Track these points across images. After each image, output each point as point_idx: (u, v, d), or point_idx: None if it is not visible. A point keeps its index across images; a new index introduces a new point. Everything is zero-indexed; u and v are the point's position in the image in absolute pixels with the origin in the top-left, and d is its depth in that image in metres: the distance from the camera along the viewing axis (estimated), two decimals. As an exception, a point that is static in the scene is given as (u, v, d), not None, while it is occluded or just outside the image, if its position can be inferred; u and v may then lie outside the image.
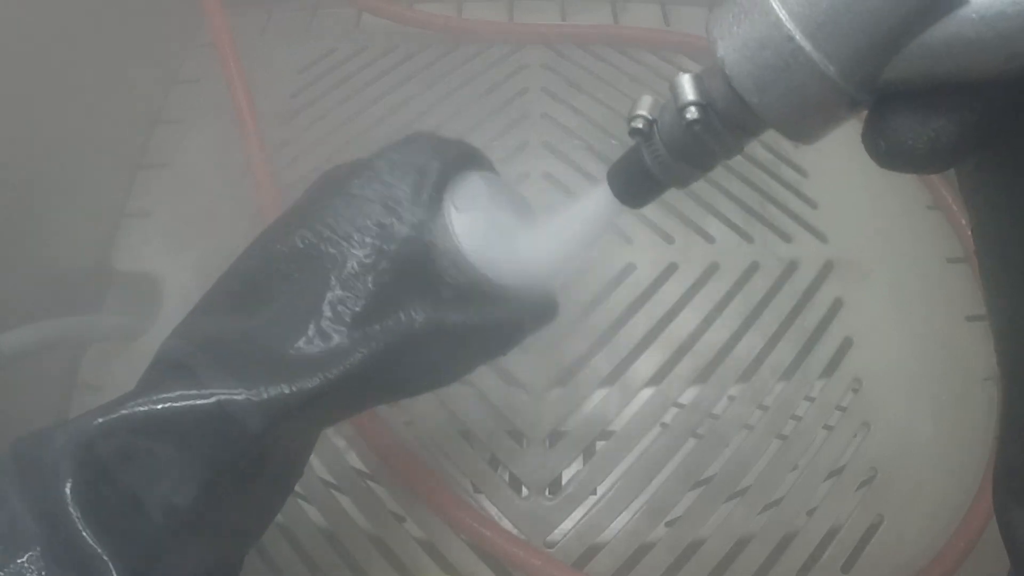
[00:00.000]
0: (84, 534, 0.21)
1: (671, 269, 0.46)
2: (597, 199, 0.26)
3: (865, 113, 0.18)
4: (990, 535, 0.38)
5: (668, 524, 0.38)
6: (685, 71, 0.21)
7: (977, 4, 0.15)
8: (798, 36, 0.17)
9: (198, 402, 0.23)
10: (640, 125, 0.22)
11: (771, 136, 0.20)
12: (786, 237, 0.47)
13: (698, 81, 0.20)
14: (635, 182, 0.25)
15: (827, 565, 0.38)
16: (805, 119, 0.18)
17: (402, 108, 0.52)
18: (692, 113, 0.20)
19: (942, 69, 0.15)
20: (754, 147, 0.51)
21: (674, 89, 0.21)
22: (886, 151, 0.17)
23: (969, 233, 0.48)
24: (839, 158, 0.51)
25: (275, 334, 0.24)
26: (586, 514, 0.38)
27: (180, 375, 0.24)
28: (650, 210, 0.48)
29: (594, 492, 0.39)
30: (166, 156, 0.52)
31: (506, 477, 0.40)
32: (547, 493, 0.39)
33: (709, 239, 0.47)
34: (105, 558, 0.21)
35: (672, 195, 0.48)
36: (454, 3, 0.59)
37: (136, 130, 0.52)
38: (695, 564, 0.37)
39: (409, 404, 0.41)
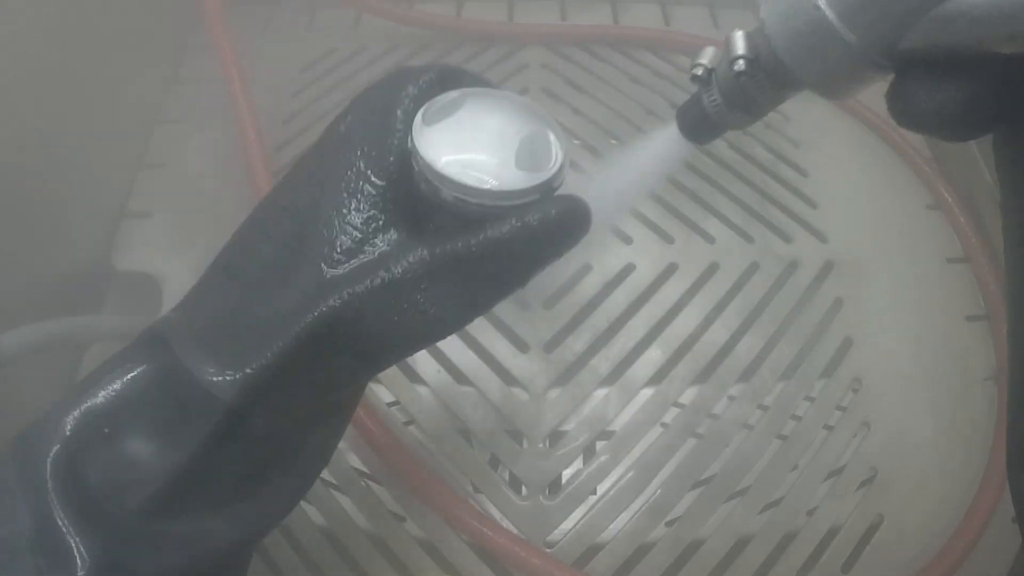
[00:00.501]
0: (59, 519, 0.20)
1: (671, 269, 0.46)
2: (667, 135, 0.28)
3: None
4: (990, 535, 0.38)
5: (668, 524, 0.38)
6: (739, 29, 0.23)
7: None
8: (823, 6, 0.19)
9: (170, 373, 0.22)
10: (700, 72, 0.25)
11: (771, 136, 0.21)
12: (786, 237, 0.47)
13: (749, 38, 0.22)
14: (696, 122, 0.27)
15: (827, 565, 0.37)
16: (832, 80, 0.20)
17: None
18: (740, 66, 0.22)
19: (951, 42, 0.17)
20: (754, 147, 0.51)
21: (728, 43, 0.23)
22: (902, 111, 0.18)
23: (969, 233, 0.48)
24: (839, 158, 0.51)
25: (255, 295, 0.23)
26: (586, 514, 0.38)
27: (155, 347, 0.23)
28: (650, 210, 0.48)
29: (594, 492, 0.39)
30: (166, 156, 0.52)
31: (506, 477, 0.40)
32: (547, 493, 0.39)
33: (709, 239, 0.47)
34: (74, 541, 0.20)
35: (672, 195, 0.49)
36: (454, 3, 0.59)
37: (136, 130, 0.52)
38: (695, 564, 0.37)
39: (409, 404, 0.41)
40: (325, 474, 0.39)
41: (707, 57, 0.25)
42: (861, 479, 0.40)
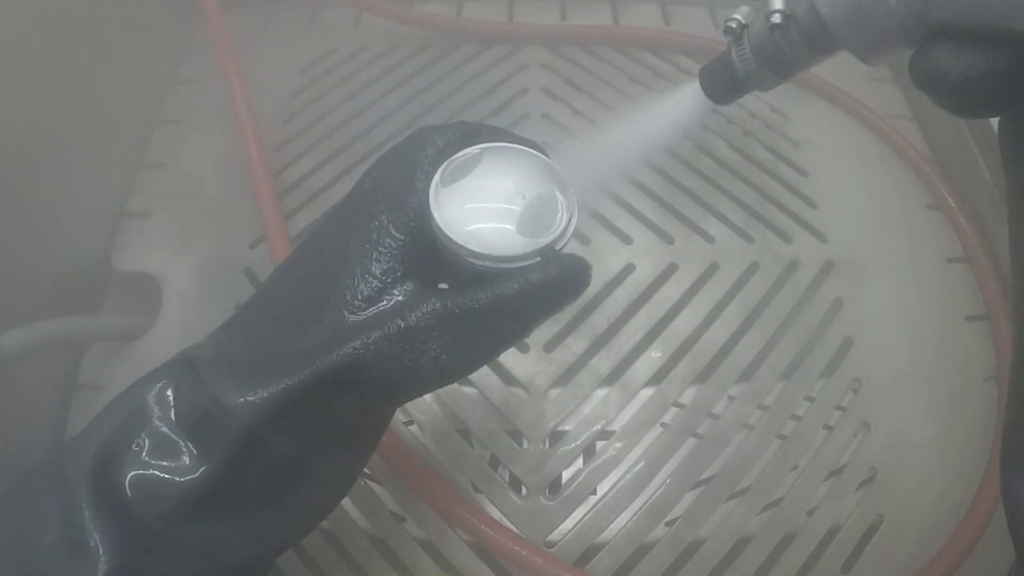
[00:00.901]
0: (87, 518, 0.22)
1: (671, 269, 0.46)
2: (688, 92, 0.29)
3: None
4: (990, 535, 0.38)
5: (668, 524, 0.38)
6: None
7: None
8: None
9: (196, 393, 0.23)
10: (733, 25, 0.25)
11: (771, 136, 0.21)
12: (786, 237, 0.47)
13: None
14: (722, 80, 0.27)
15: (827, 565, 0.37)
16: (867, 40, 0.21)
17: (402, 108, 0.52)
18: (776, 18, 0.23)
19: (983, 17, 0.18)
20: (754, 147, 0.51)
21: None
22: (924, 72, 0.19)
23: (969, 233, 0.48)
24: (839, 158, 0.51)
25: (282, 331, 0.25)
26: (586, 514, 0.38)
27: (184, 370, 0.24)
28: (650, 210, 0.48)
29: (594, 492, 0.39)
30: (166, 156, 0.52)
31: (506, 477, 0.40)
32: (547, 493, 0.39)
33: (709, 239, 0.47)
34: (98, 540, 0.22)
35: (672, 195, 0.49)
36: (454, 3, 0.59)
37: (136, 130, 0.52)
38: (695, 564, 0.37)
39: (409, 404, 0.41)
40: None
41: (742, 12, 0.25)
42: (861, 479, 0.40)
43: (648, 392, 0.42)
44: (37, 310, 0.39)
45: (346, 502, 0.38)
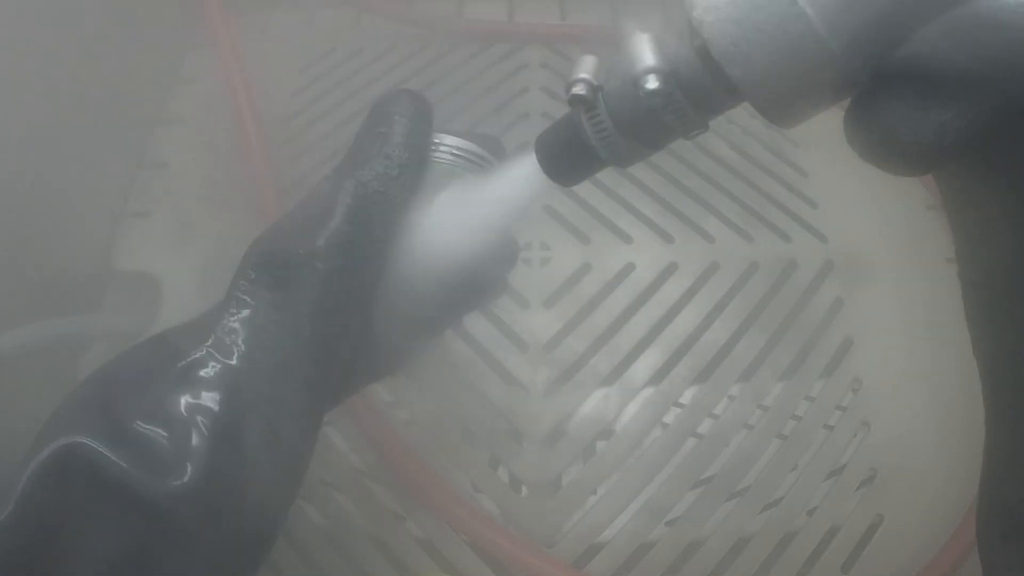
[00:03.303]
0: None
1: (671, 269, 0.46)
2: (522, 172, 0.23)
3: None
4: (990, 535, 0.38)
5: (668, 524, 0.38)
6: (642, 30, 0.17)
7: None
8: (802, 1, 0.14)
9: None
10: (583, 91, 0.19)
11: (771, 136, 0.19)
12: (786, 237, 0.47)
13: (660, 43, 0.17)
14: (569, 157, 0.21)
15: (827, 565, 0.37)
16: (791, 99, 0.16)
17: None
18: (652, 82, 0.17)
19: (968, 56, 0.13)
20: (754, 147, 0.51)
21: (629, 52, 0.17)
22: (878, 140, 0.15)
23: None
24: (839, 158, 0.51)
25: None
26: (586, 514, 0.38)
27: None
28: (650, 210, 0.48)
29: (594, 492, 0.39)
30: (166, 156, 0.52)
31: (506, 477, 0.40)
32: (547, 493, 0.39)
33: (709, 239, 0.47)
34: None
35: (672, 195, 0.49)
36: (454, 3, 0.59)
37: (136, 130, 0.52)
38: (695, 564, 0.37)
39: (409, 404, 0.41)
40: (325, 474, 0.39)
41: (589, 69, 0.19)
42: (861, 479, 0.40)
43: (648, 392, 0.42)
44: (37, 310, 0.39)
45: (346, 502, 0.38)
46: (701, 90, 0.17)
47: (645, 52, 0.17)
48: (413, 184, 0.27)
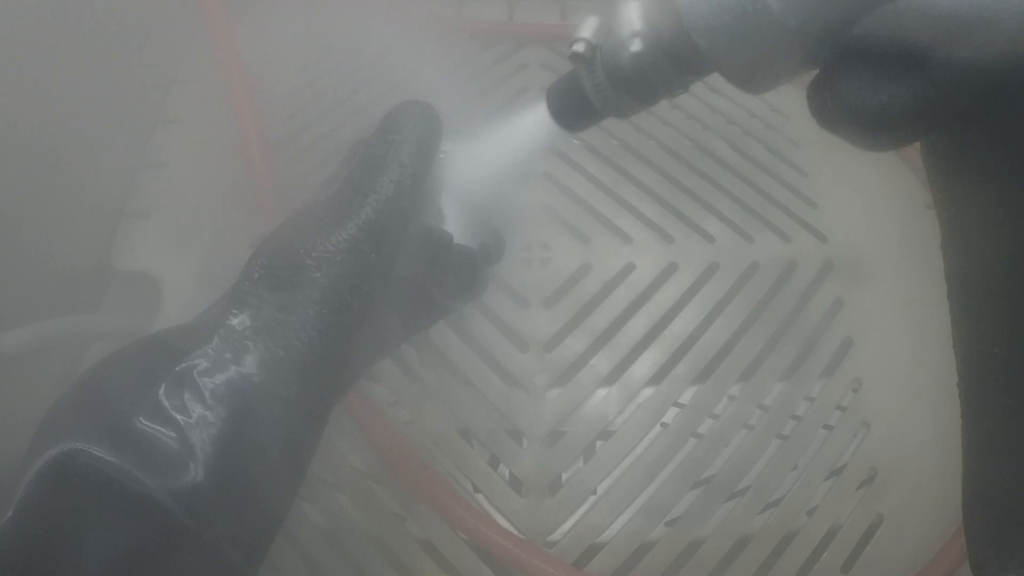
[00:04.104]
0: None
1: (671, 269, 0.46)
2: (535, 118, 0.26)
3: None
4: (990, 535, 0.38)
5: (668, 524, 0.38)
6: None
7: None
8: None
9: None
10: (582, 50, 0.21)
11: (771, 136, 0.20)
12: (786, 237, 0.47)
13: (646, 10, 0.19)
14: (573, 107, 0.23)
15: (827, 565, 0.37)
16: (755, 69, 0.17)
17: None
18: (636, 45, 0.19)
19: (916, 37, 0.14)
20: (754, 147, 0.51)
21: (619, 16, 0.19)
22: (831, 108, 0.16)
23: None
24: (839, 158, 0.51)
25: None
26: (586, 514, 0.38)
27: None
28: (650, 209, 0.48)
29: (594, 492, 0.39)
30: (166, 156, 0.52)
31: (506, 477, 0.40)
32: (547, 493, 0.39)
33: (709, 239, 0.47)
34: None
35: (672, 195, 0.49)
36: (454, 3, 0.59)
37: (136, 130, 0.52)
38: (695, 564, 0.37)
39: (409, 404, 0.41)
40: (325, 474, 0.39)
41: (589, 30, 0.21)
42: (861, 479, 0.40)
43: (648, 392, 0.42)
44: (37, 310, 0.39)
45: (346, 502, 0.38)
46: (680, 54, 0.19)
47: (633, 18, 0.19)
48: (424, 193, 0.27)
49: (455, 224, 0.29)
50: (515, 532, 0.37)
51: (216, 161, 0.50)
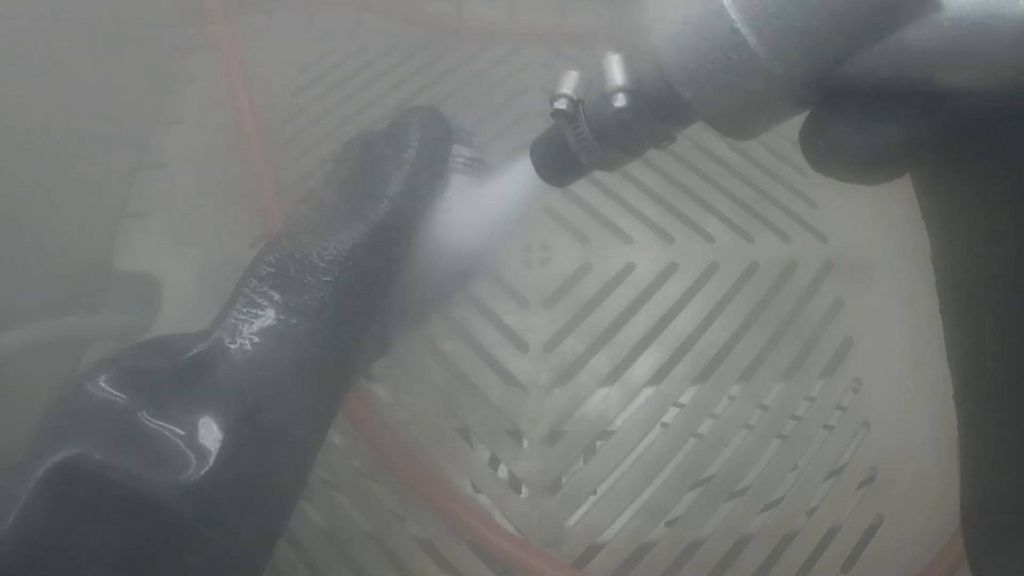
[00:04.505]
0: None
1: (671, 269, 0.46)
2: (519, 173, 0.26)
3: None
4: (990, 535, 0.38)
5: (668, 524, 0.38)
6: (615, 51, 0.19)
7: (952, 11, 0.13)
8: (743, 28, 0.15)
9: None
10: (564, 107, 0.21)
11: (771, 136, 0.20)
12: (786, 237, 0.47)
13: (628, 64, 0.19)
14: (558, 162, 0.23)
15: (827, 565, 0.37)
16: (742, 118, 0.17)
17: (402, 108, 0.52)
18: (620, 100, 0.18)
19: (904, 76, 0.14)
20: (754, 147, 0.51)
21: (601, 71, 0.19)
22: (825, 152, 0.16)
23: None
24: (839, 158, 0.51)
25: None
26: (586, 514, 0.38)
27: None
28: (650, 210, 0.48)
29: (594, 492, 0.39)
30: (166, 156, 0.52)
31: (506, 477, 0.40)
32: (547, 493, 0.39)
33: (709, 239, 0.47)
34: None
35: (672, 195, 0.48)
36: (454, 3, 0.59)
37: (136, 130, 0.52)
38: (695, 564, 0.37)
39: (409, 404, 0.41)
40: (325, 474, 0.39)
41: (570, 86, 0.21)
42: (861, 479, 0.40)
43: (648, 392, 0.42)
44: (37, 310, 0.39)
45: (346, 502, 0.38)
46: (664, 106, 0.18)
47: (615, 72, 0.19)
48: (434, 198, 0.28)
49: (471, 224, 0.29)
50: (515, 532, 0.37)
51: (216, 161, 0.50)
